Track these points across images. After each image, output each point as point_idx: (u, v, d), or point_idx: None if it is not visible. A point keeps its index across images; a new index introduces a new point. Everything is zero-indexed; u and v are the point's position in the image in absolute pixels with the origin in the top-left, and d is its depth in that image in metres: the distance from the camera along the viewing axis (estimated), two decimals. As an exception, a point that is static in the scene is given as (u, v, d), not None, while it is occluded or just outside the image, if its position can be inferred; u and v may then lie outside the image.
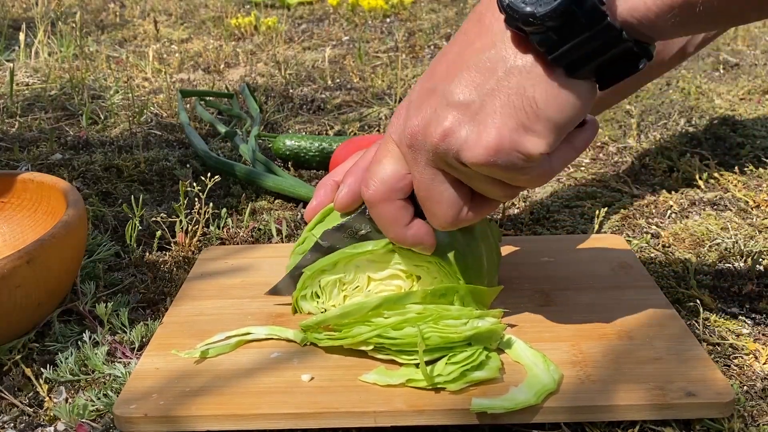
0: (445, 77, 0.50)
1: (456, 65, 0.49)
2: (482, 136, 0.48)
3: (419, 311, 0.58)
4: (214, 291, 0.71)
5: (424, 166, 0.52)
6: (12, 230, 0.79)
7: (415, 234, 0.57)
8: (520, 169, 0.49)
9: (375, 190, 0.56)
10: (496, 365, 0.56)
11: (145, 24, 2.16)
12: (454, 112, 0.49)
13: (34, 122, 1.31)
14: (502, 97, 0.47)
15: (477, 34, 0.49)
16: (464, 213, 0.54)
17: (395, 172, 0.55)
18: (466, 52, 0.49)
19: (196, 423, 0.54)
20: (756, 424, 0.55)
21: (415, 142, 0.52)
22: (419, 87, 0.52)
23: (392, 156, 0.55)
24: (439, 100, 0.50)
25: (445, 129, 0.49)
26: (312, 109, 1.39)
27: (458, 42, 0.51)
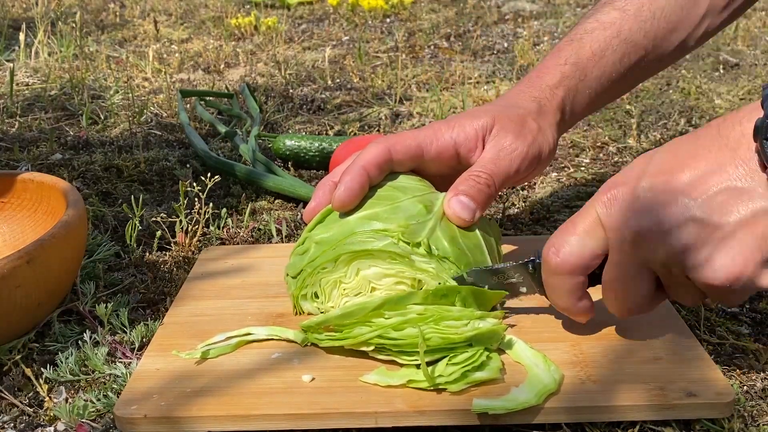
0: (690, 190, 0.50)
1: (705, 183, 0.50)
2: (727, 261, 0.49)
3: (420, 312, 0.58)
4: (214, 291, 0.71)
5: (635, 263, 0.53)
6: (12, 230, 0.79)
7: (582, 307, 0.58)
8: (741, 295, 0.50)
9: (564, 261, 0.56)
10: (497, 366, 0.56)
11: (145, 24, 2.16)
12: (698, 230, 0.49)
13: (34, 122, 1.31)
14: (756, 231, 0.48)
15: (730, 161, 0.49)
16: (642, 306, 0.56)
17: (593, 251, 0.55)
18: (718, 174, 0.49)
19: (197, 423, 0.54)
20: (756, 424, 0.55)
21: (642, 242, 0.52)
22: (650, 185, 0.52)
23: (594, 234, 0.55)
24: (683, 211, 0.50)
25: (687, 245, 0.50)
26: (312, 109, 1.39)
27: (701, 157, 0.51)
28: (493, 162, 0.66)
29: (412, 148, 0.66)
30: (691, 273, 0.50)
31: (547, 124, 0.69)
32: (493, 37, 1.91)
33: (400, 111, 1.34)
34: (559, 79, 0.71)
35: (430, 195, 0.65)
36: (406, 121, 1.30)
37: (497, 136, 0.66)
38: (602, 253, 0.55)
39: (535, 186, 1.01)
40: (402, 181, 0.66)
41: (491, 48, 1.81)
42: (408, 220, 0.62)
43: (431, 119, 1.29)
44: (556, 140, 0.70)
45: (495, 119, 0.67)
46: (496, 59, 1.70)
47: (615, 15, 0.73)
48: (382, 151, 0.65)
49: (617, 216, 0.53)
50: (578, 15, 2.15)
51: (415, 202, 0.63)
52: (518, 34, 1.94)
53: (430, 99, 1.40)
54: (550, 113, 0.70)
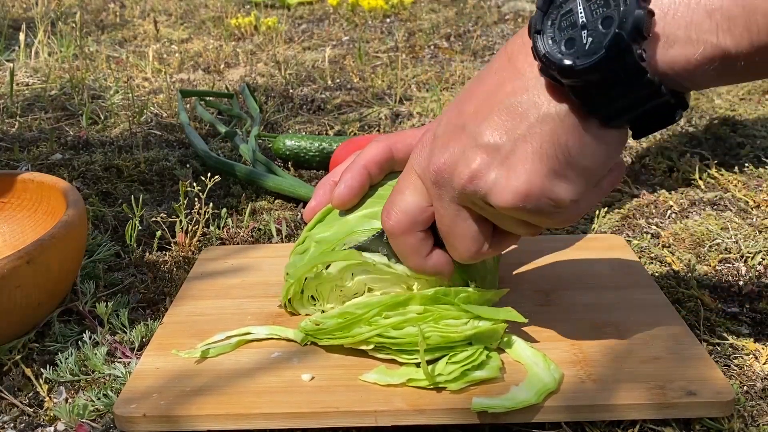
0: (474, 117, 0.50)
1: (486, 106, 0.49)
2: (512, 181, 0.48)
3: (420, 312, 0.58)
4: (214, 291, 0.71)
5: (449, 202, 0.53)
6: (12, 230, 0.79)
7: (434, 264, 0.58)
8: (548, 213, 0.49)
9: (396, 222, 0.56)
10: (496, 365, 0.56)
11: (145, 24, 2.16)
12: (483, 155, 0.49)
13: (34, 122, 1.31)
14: (534, 143, 0.47)
15: (509, 76, 0.49)
16: (485, 248, 0.55)
17: (417, 205, 0.55)
18: (497, 94, 0.49)
19: (197, 422, 0.54)
20: (756, 424, 0.55)
21: (440, 179, 0.52)
22: (445, 122, 0.52)
23: (414, 188, 0.55)
24: (467, 140, 0.50)
25: (474, 171, 0.49)
26: (312, 109, 1.39)
27: (487, 81, 0.50)
28: None
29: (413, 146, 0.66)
30: (486, 200, 0.50)
31: None
32: (493, 37, 1.91)
33: (400, 111, 1.34)
34: None
35: None
36: (406, 121, 1.30)
37: None
38: (428, 204, 0.55)
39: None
40: (402, 181, 0.66)
41: (491, 48, 1.81)
42: None
43: (431, 119, 1.29)
44: None
45: None
46: (496, 59, 1.70)
47: None
48: (383, 150, 0.65)
49: (423, 161, 0.53)
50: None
51: None
52: (518, 34, 1.94)
53: (430, 99, 1.40)
54: None
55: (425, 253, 0.57)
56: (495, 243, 0.55)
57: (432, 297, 0.59)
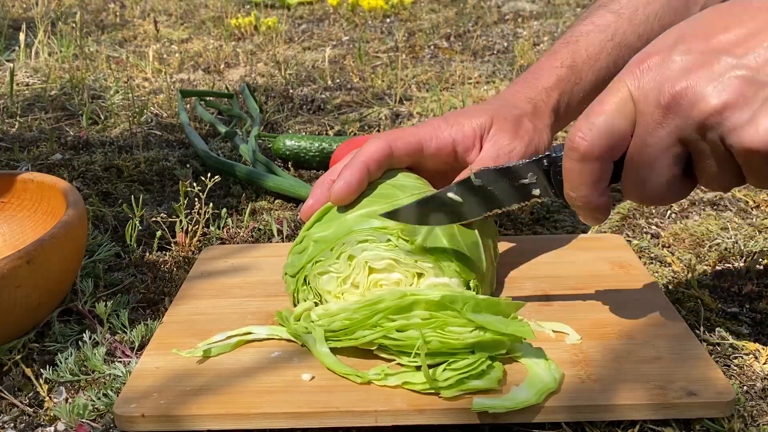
0: (734, 48, 0.46)
1: (752, 40, 0.45)
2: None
3: (425, 317, 0.58)
4: (214, 290, 0.71)
5: (668, 133, 0.48)
6: (12, 230, 0.79)
7: (602, 204, 0.53)
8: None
9: (592, 144, 0.50)
10: (496, 376, 0.55)
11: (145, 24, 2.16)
12: (742, 87, 0.45)
13: (34, 122, 1.31)
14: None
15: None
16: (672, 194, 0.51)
17: (622, 130, 0.50)
18: (764, 33, 0.45)
19: (197, 422, 0.54)
20: (756, 424, 0.55)
21: (676, 104, 0.47)
22: (687, 48, 0.47)
23: (622, 111, 0.49)
24: (725, 68, 0.45)
25: (727, 102, 0.45)
26: (312, 109, 1.39)
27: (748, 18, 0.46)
28: (492, 161, 0.66)
29: (413, 144, 0.66)
30: (731, 136, 0.45)
31: (542, 125, 0.70)
32: (493, 37, 1.91)
33: (400, 111, 1.34)
34: (555, 81, 0.71)
35: (428, 193, 0.65)
36: (406, 121, 1.30)
37: (495, 136, 0.67)
38: (631, 132, 0.50)
39: (535, 186, 1.01)
40: (401, 180, 0.66)
41: (491, 48, 1.81)
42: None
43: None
44: (550, 140, 0.70)
45: (492, 119, 0.67)
46: (496, 59, 1.70)
47: (610, 18, 0.73)
48: (382, 147, 0.65)
49: (650, 84, 0.48)
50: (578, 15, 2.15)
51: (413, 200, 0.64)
52: (518, 34, 1.94)
53: (430, 99, 1.40)
54: (545, 115, 0.70)
55: (603, 189, 0.52)
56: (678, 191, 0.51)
57: (438, 303, 0.58)
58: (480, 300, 0.58)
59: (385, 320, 0.58)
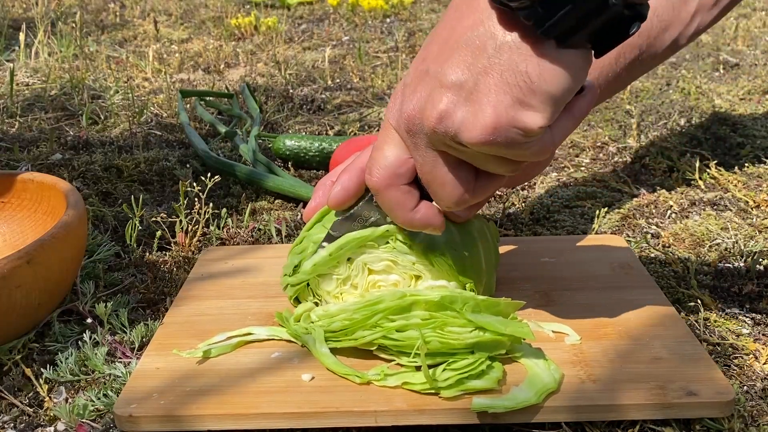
0: (437, 58, 0.49)
1: (447, 45, 0.49)
2: (478, 116, 0.47)
3: (425, 318, 0.58)
4: (214, 291, 0.71)
5: (425, 149, 0.52)
6: (12, 230, 0.79)
7: (422, 217, 0.57)
8: (521, 145, 0.48)
9: (379, 177, 0.55)
10: (496, 376, 0.55)
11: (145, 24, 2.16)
12: (448, 94, 0.48)
13: (34, 122, 1.31)
14: (494, 74, 0.46)
15: (465, 12, 0.48)
16: (470, 192, 0.54)
17: (397, 158, 0.54)
18: (456, 31, 0.48)
19: (197, 422, 0.54)
20: (756, 424, 0.55)
21: (412, 126, 0.51)
22: (413, 69, 0.52)
23: (393, 142, 0.54)
24: (432, 82, 0.49)
25: (441, 111, 0.48)
26: (312, 109, 1.39)
27: (448, 21, 0.50)
28: None
29: None
30: (457, 140, 0.49)
31: None
32: (493, 37, 1.91)
33: (400, 111, 1.34)
34: None
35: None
36: (406, 121, 1.30)
37: None
38: (407, 156, 0.54)
39: (535, 186, 1.01)
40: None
41: (491, 48, 1.80)
42: None
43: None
44: None
45: None
46: (496, 59, 1.70)
47: None
48: None
49: (395, 112, 0.53)
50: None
51: None
52: (518, 34, 1.94)
53: (430, 99, 1.39)
54: None
55: (411, 207, 0.56)
56: (479, 187, 0.54)
57: (438, 303, 0.58)
58: (479, 300, 0.58)
59: (385, 320, 0.58)
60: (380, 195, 0.56)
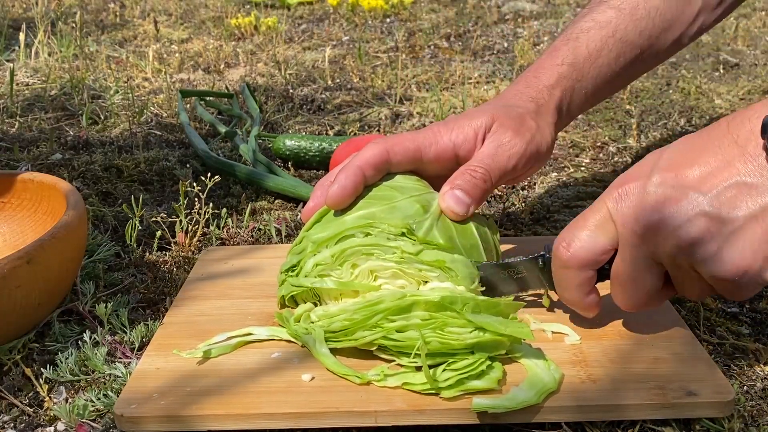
0: (700, 184, 0.51)
1: (714, 177, 0.50)
2: (736, 255, 0.50)
3: (425, 318, 0.58)
4: (214, 291, 0.71)
5: (645, 256, 0.54)
6: (12, 230, 0.79)
7: (590, 303, 0.59)
8: (748, 289, 0.51)
9: (574, 255, 0.56)
10: (496, 376, 0.55)
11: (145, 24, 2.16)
12: (708, 224, 0.50)
13: (34, 122, 1.31)
14: (764, 225, 0.49)
15: (738, 157, 0.50)
16: (652, 302, 0.57)
17: (602, 246, 0.56)
18: (727, 169, 0.50)
19: (197, 422, 0.54)
20: (756, 424, 0.55)
21: (649, 234, 0.52)
22: (660, 181, 0.52)
23: (604, 229, 0.55)
24: (691, 205, 0.50)
25: (695, 238, 0.50)
26: (312, 109, 1.39)
27: (711, 153, 0.51)
28: (490, 157, 0.66)
29: (411, 150, 0.66)
30: (700, 266, 0.51)
31: (545, 124, 0.69)
32: (493, 37, 1.91)
33: (400, 111, 1.34)
34: (557, 79, 0.71)
35: (427, 195, 0.65)
36: (406, 121, 1.30)
37: (496, 133, 0.67)
38: (612, 248, 0.56)
39: (535, 186, 1.01)
40: (399, 181, 0.66)
41: (491, 48, 1.81)
42: (405, 219, 0.62)
43: (431, 119, 1.29)
44: (554, 139, 0.70)
45: (494, 118, 0.67)
46: (496, 59, 1.70)
47: (611, 14, 0.73)
48: (379, 152, 0.65)
49: (628, 211, 0.54)
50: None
51: (412, 202, 0.63)
52: (518, 34, 1.94)
53: (430, 99, 1.40)
54: (548, 113, 0.70)
55: (588, 291, 0.58)
56: (660, 298, 0.57)
57: (438, 304, 0.58)
58: (479, 301, 0.58)
59: (385, 321, 0.58)
60: (566, 271, 0.57)
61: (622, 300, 0.57)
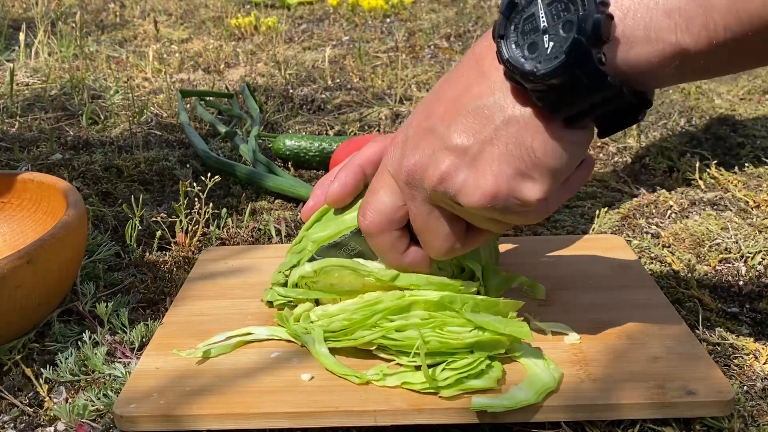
0: (442, 119, 0.51)
1: (454, 108, 0.50)
2: (480, 181, 0.49)
3: (424, 317, 0.58)
4: (214, 291, 0.71)
5: (421, 201, 0.54)
6: (12, 230, 0.79)
7: (411, 260, 0.59)
8: (516, 212, 0.50)
9: (372, 221, 0.57)
10: (495, 376, 0.55)
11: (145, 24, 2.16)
12: (451, 156, 0.50)
13: (34, 122, 1.31)
14: (500, 145, 0.48)
15: (475, 79, 0.49)
16: (458, 245, 0.56)
17: (392, 204, 0.56)
18: (465, 96, 0.50)
19: (197, 422, 0.54)
20: (756, 424, 0.55)
21: (412, 179, 0.53)
22: (416, 124, 0.53)
23: (389, 188, 0.56)
24: (437, 141, 0.51)
25: (443, 172, 0.50)
26: (312, 109, 1.39)
27: (455, 83, 0.51)
28: None
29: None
30: (456, 200, 0.51)
31: None
32: (493, 37, 1.91)
33: (400, 111, 1.34)
34: None
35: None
36: (406, 121, 1.30)
37: None
38: (402, 203, 0.56)
39: (534, 186, 1.01)
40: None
41: (491, 48, 1.80)
42: None
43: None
44: None
45: None
46: (496, 59, 1.70)
47: None
48: (380, 150, 0.65)
49: (395, 162, 0.54)
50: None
51: None
52: (518, 34, 1.94)
53: (430, 99, 1.39)
54: None
55: (402, 250, 0.58)
56: (468, 239, 0.57)
57: (438, 303, 0.58)
58: (479, 300, 0.58)
59: (384, 320, 0.58)
60: (372, 238, 0.58)
61: (429, 250, 0.57)
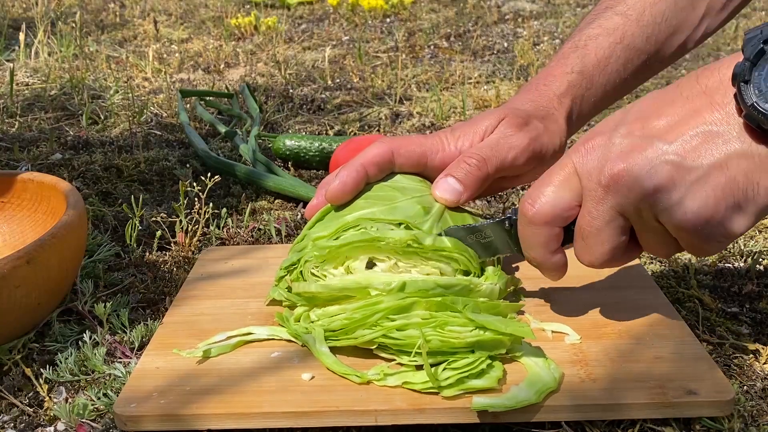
0: (665, 133, 0.50)
1: (680, 126, 0.50)
2: (697, 203, 0.49)
3: (425, 317, 0.58)
4: (214, 291, 0.71)
5: (609, 207, 0.53)
6: (12, 230, 0.79)
7: (556, 262, 0.59)
8: (712, 241, 0.51)
9: (539, 211, 0.56)
10: (496, 375, 0.55)
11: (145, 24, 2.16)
12: (672, 172, 0.49)
13: (34, 122, 1.31)
14: (728, 174, 0.48)
15: (705, 107, 0.50)
16: (617, 257, 0.56)
17: (568, 201, 0.55)
18: (694, 118, 0.50)
19: (197, 422, 0.54)
20: (756, 423, 0.55)
21: (614, 184, 0.52)
22: (626, 132, 0.52)
23: (568, 184, 0.55)
24: (656, 153, 0.50)
25: (659, 185, 0.50)
26: (312, 109, 1.39)
27: (680, 104, 0.51)
28: (489, 147, 0.66)
29: (416, 154, 0.66)
30: (663, 215, 0.51)
31: (554, 128, 0.69)
32: (493, 37, 1.91)
33: (400, 111, 1.34)
34: (566, 88, 0.71)
35: (428, 196, 0.65)
36: (406, 121, 1.30)
37: (501, 127, 0.67)
38: (577, 204, 0.55)
39: (535, 186, 1.01)
40: (401, 182, 0.66)
41: (491, 48, 1.81)
42: (405, 220, 0.62)
43: (431, 119, 1.29)
44: (562, 145, 0.70)
45: (500, 118, 0.67)
46: (496, 59, 1.70)
47: (618, 20, 0.72)
48: (384, 152, 0.65)
49: (593, 163, 0.53)
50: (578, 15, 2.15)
51: (413, 203, 0.64)
52: (518, 34, 1.94)
53: (430, 99, 1.40)
54: (559, 121, 0.70)
55: (553, 249, 0.58)
56: (624, 255, 0.56)
57: (439, 303, 0.58)
58: (479, 302, 0.58)
59: (385, 320, 0.58)
60: (532, 227, 0.57)
61: (585, 255, 0.56)
